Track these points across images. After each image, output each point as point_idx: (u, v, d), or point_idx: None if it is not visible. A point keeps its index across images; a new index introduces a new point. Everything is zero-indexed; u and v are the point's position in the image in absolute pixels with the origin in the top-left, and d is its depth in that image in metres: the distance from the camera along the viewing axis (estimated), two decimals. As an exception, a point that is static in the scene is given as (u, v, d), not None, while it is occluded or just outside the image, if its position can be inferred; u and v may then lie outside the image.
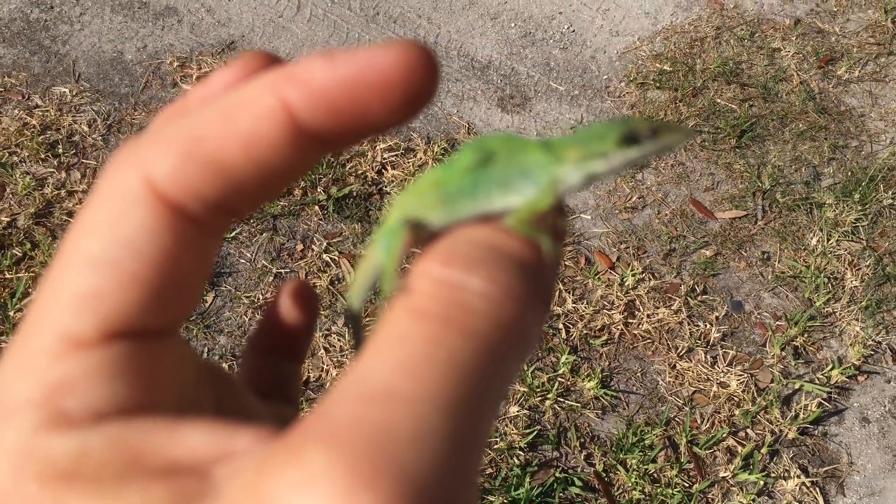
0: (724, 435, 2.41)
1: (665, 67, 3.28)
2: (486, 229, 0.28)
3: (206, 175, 0.25)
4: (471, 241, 0.27)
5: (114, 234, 0.25)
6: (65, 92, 2.92)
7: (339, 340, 2.42)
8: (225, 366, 2.35)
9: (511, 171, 0.30)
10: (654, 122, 0.31)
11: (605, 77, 3.26)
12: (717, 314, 2.65)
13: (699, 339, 2.58)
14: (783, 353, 2.59)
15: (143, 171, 0.26)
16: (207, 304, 2.47)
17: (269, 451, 0.23)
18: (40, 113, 2.84)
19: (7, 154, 2.73)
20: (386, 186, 2.79)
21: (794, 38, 3.47)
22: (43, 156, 2.73)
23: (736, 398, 2.48)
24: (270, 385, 0.39)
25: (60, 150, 2.76)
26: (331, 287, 2.55)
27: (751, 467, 2.36)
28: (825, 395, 2.52)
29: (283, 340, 0.39)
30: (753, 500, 2.33)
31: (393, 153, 2.85)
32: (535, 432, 2.34)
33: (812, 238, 2.86)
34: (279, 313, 0.38)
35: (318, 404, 0.23)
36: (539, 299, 0.26)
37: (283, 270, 2.57)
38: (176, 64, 3.04)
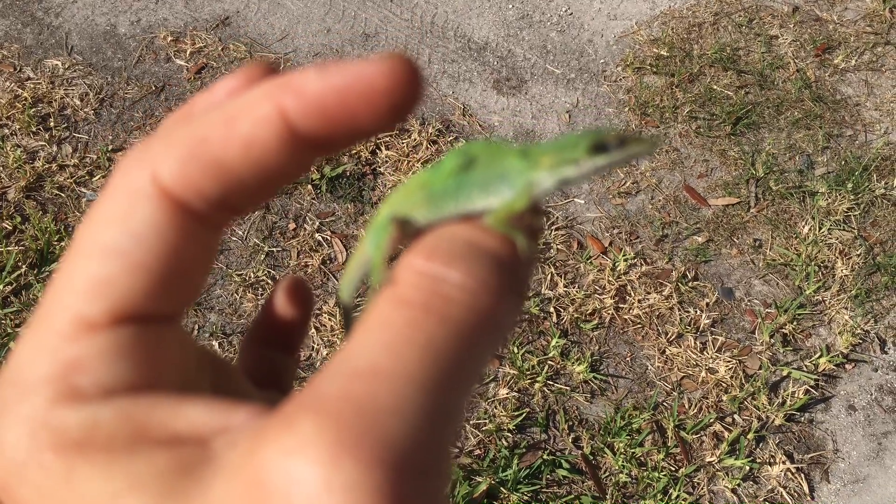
0: (712, 420, 2.43)
1: (662, 52, 3.27)
2: (466, 227, 0.31)
3: (208, 174, 0.28)
4: (452, 237, 0.30)
5: (124, 227, 0.28)
6: (57, 65, 2.89)
7: (329, 320, 2.42)
8: (216, 344, 2.35)
9: (491, 174, 0.33)
10: (621, 133, 0.34)
11: (602, 61, 3.25)
12: (707, 300, 2.66)
13: (689, 325, 2.59)
14: (772, 341, 2.60)
15: (151, 170, 0.28)
16: (198, 282, 2.46)
17: (263, 423, 0.25)
18: (32, 85, 2.81)
19: (-2, 126, 2.71)
20: (380, 167, 2.78)
21: (791, 26, 3.46)
22: (34, 129, 2.70)
23: (724, 384, 2.50)
24: (265, 375, 0.41)
25: (52, 124, 2.73)
26: (322, 266, 2.55)
27: (737, 452, 2.38)
28: (812, 383, 2.54)
29: (279, 334, 0.41)
30: (739, 485, 2.35)
31: (387, 134, 2.84)
32: (523, 414, 2.35)
33: (804, 226, 2.87)
34: (275, 308, 0.40)
35: (310, 381, 0.25)
36: (513, 292, 0.29)
37: (274, 249, 2.57)
38: (170, 38, 3.01)
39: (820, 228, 2.86)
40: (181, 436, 0.26)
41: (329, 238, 2.61)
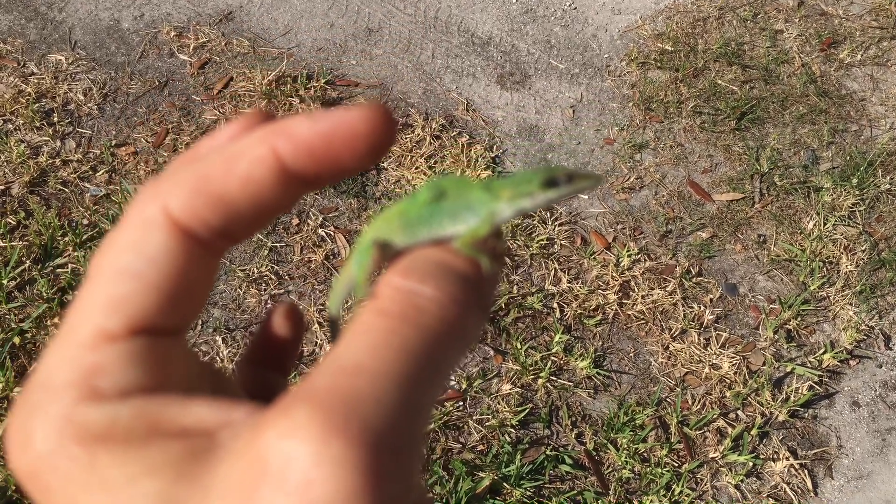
0: (715, 416, 2.42)
1: (666, 47, 3.25)
2: (438, 250, 0.36)
3: (211, 207, 0.32)
4: (425, 258, 0.35)
5: (138, 252, 0.32)
6: (60, 60, 2.89)
7: (333, 315, 2.42)
8: (220, 339, 2.35)
9: (458, 205, 0.39)
10: (570, 170, 0.40)
11: (606, 56, 3.24)
12: (711, 296, 2.66)
13: (693, 321, 2.59)
14: (776, 337, 2.60)
15: (162, 204, 0.33)
16: (202, 277, 2.46)
17: (263, 414, 0.29)
18: (35, 80, 2.81)
19: (2, 121, 2.71)
20: (383, 162, 2.78)
21: (797, 20, 3.45)
22: (38, 124, 2.71)
23: (727, 380, 2.49)
24: (259, 392, 0.45)
25: (56, 119, 2.73)
26: (326, 262, 2.55)
27: (740, 448, 2.38)
28: (816, 379, 2.53)
29: (273, 355, 0.46)
30: (742, 481, 2.35)
31: (391, 128, 2.83)
32: (526, 410, 2.35)
33: (809, 222, 2.86)
34: (270, 330, 0.45)
35: (305, 376, 0.29)
36: (478, 305, 0.34)
37: (278, 244, 2.57)
38: (173, 34, 3.01)
39: (824, 224, 2.85)
40: (190, 429, 0.30)
41: (332, 233, 2.61)
